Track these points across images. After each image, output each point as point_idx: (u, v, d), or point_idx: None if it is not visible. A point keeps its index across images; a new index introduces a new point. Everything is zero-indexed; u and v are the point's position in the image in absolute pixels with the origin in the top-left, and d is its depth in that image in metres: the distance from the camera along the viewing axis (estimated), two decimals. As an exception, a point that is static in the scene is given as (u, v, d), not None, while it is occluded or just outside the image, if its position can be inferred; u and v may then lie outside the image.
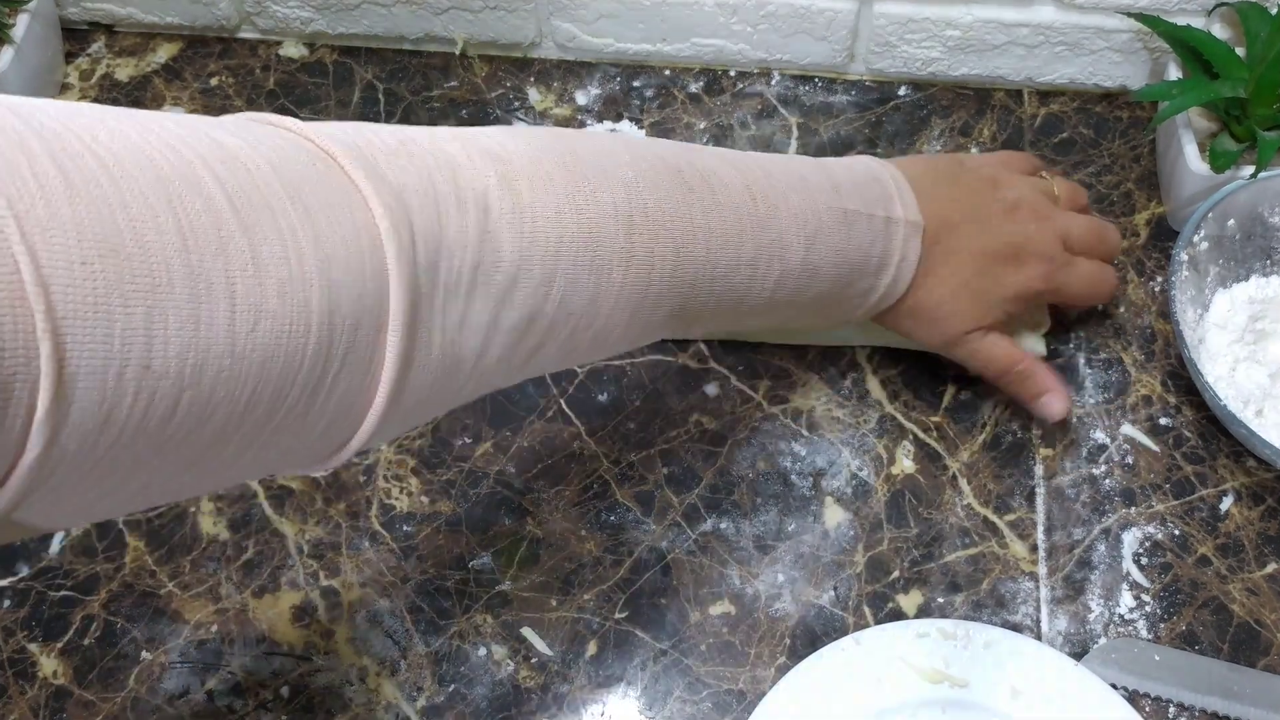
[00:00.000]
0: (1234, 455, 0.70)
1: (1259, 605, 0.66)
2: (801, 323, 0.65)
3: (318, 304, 0.37)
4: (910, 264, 0.62)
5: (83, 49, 0.86)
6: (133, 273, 0.31)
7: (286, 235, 0.36)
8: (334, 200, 0.38)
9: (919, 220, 0.62)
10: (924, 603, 0.66)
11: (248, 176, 0.36)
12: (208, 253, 0.33)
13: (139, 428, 0.32)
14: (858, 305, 0.63)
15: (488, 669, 0.65)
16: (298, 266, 0.36)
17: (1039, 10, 0.79)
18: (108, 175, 0.32)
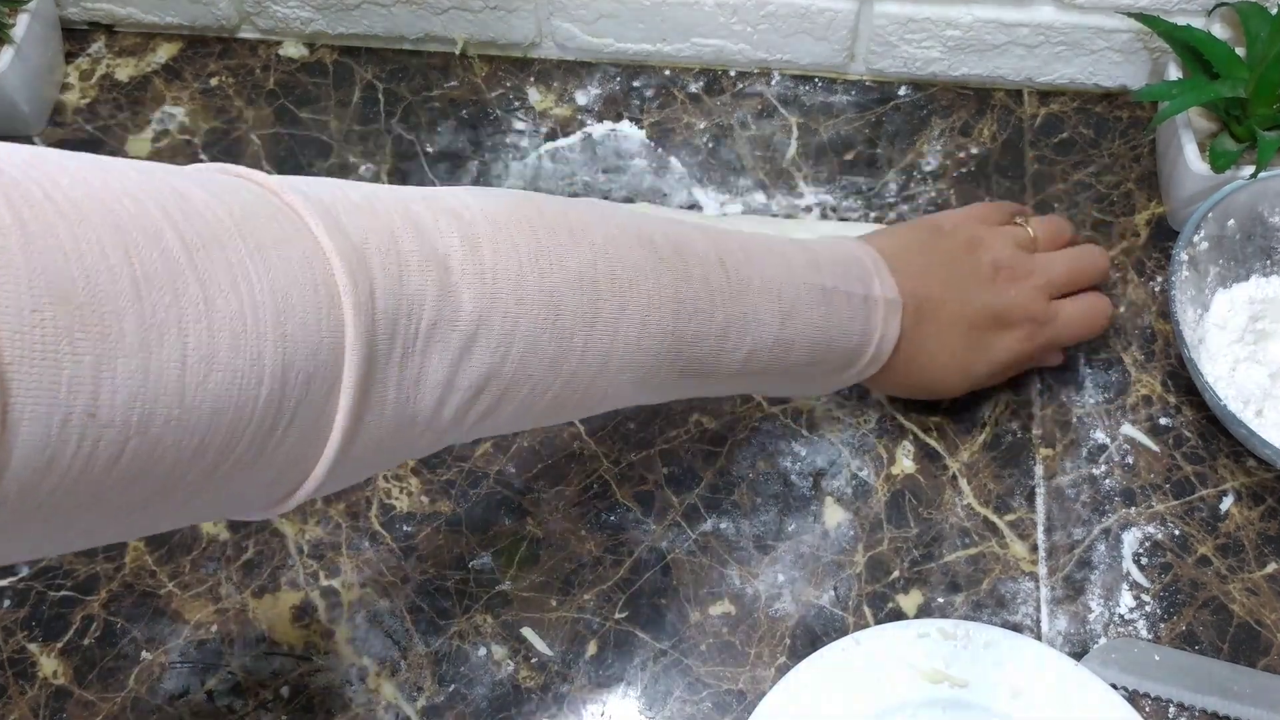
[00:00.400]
0: (1234, 455, 0.70)
1: (1259, 605, 0.66)
2: (778, 393, 0.66)
3: (271, 357, 0.37)
4: (890, 340, 0.61)
5: (83, 49, 0.86)
6: (83, 321, 0.31)
7: (243, 288, 0.36)
8: (294, 255, 0.38)
9: (898, 299, 0.61)
10: (924, 603, 0.66)
11: (207, 228, 0.36)
12: (161, 303, 0.34)
13: (82, 473, 0.32)
14: (836, 380, 0.63)
15: (488, 669, 0.65)
16: (253, 319, 0.36)
17: (1039, 10, 0.79)
18: (65, 223, 0.32)
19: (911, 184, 0.79)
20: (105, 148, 0.82)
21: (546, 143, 0.82)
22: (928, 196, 0.79)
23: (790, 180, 0.80)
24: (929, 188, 0.79)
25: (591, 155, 0.81)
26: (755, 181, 0.80)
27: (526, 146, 0.82)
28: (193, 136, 0.82)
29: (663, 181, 0.80)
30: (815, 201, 0.79)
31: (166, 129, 0.83)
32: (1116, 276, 0.76)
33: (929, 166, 0.80)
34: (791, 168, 0.80)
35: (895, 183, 0.80)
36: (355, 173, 0.80)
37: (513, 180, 0.80)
